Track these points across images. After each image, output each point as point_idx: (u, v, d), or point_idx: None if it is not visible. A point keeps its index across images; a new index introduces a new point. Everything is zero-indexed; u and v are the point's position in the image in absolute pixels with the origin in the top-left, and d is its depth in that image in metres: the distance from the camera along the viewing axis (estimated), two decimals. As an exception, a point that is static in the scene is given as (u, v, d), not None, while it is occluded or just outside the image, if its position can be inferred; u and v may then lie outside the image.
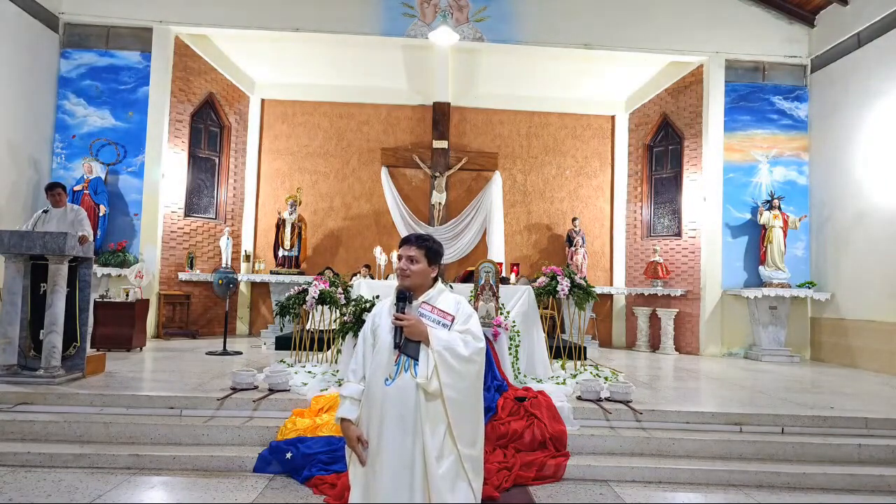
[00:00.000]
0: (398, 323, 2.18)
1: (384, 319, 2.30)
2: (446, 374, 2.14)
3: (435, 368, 2.13)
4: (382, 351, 2.23)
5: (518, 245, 11.32)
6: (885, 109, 8.22)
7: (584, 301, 6.41)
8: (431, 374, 2.13)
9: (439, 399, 2.14)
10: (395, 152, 11.17)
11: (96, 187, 8.79)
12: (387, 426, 2.12)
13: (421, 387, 2.12)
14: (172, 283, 9.66)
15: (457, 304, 2.35)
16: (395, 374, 2.16)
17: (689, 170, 10.12)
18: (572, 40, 9.52)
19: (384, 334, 2.25)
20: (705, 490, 4.05)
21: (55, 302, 5.13)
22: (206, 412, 4.65)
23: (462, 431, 2.17)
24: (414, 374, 2.15)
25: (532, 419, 4.52)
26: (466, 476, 2.16)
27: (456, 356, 2.18)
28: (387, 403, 2.14)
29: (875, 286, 8.21)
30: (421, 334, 2.17)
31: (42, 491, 3.60)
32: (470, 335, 2.25)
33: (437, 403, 2.14)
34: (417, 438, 2.10)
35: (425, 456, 2.09)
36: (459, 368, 2.18)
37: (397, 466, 2.09)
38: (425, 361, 2.16)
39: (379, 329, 2.29)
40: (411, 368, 2.16)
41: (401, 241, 2.39)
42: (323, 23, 9.32)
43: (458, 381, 2.17)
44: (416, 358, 2.17)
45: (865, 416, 4.83)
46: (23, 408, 4.61)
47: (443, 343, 2.18)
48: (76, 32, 9.23)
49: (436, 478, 2.08)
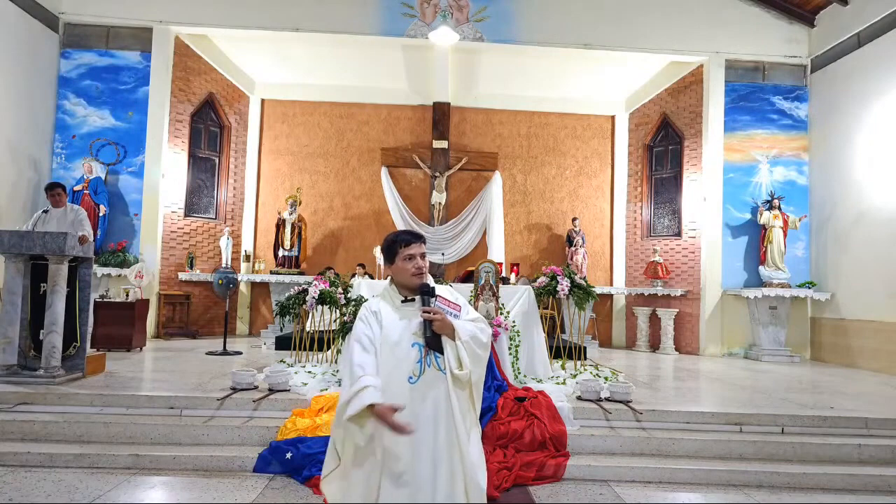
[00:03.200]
0: (430, 317, 2.16)
1: (390, 318, 2.26)
2: (472, 362, 2.21)
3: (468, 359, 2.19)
4: (398, 351, 2.20)
5: (518, 245, 11.32)
6: (885, 109, 8.21)
7: (584, 301, 6.40)
8: (468, 364, 2.18)
9: (467, 386, 2.22)
10: (395, 152, 11.17)
11: (96, 187, 8.79)
12: (420, 423, 2.11)
13: (457, 378, 2.17)
14: (172, 283, 9.66)
15: (455, 294, 2.40)
16: (420, 371, 2.17)
17: (689, 170, 10.12)
18: (572, 40, 9.52)
19: (395, 334, 2.21)
20: (705, 490, 4.05)
21: (55, 302, 5.14)
22: (206, 412, 4.66)
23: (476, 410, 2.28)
24: (438, 367, 2.18)
25: (532, 419, 4.53)
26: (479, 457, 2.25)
27: (479, 344, 2.25)
28: (415, 401, 2.13)
29: (875, 286, 8.20)
30: (449, 327, 2.19)
31: (42, 491, 3.60)
32: (482, 322, 2.34)
33: (466, 391, 2.22)
34: (451, 429, 2.14)
35: (459, 442, 2.14)
36: (481, 354, 2.26)
37: (435, 458, 2.12)
38: (453, 353, 2.19)
39: (388, 329, 2.23)
40: (434, 362, 2.18)
41: (401, 243, 2.31)
42: (323, 23, 9.32)
43: (479, 367, 2.26)
44: (440, 351, 2.19)
45: (865, 416, 4.83)
46: (23, 408, 4.62)
47: (469, 333, 2.23)
48: (76, 32, 9.22)
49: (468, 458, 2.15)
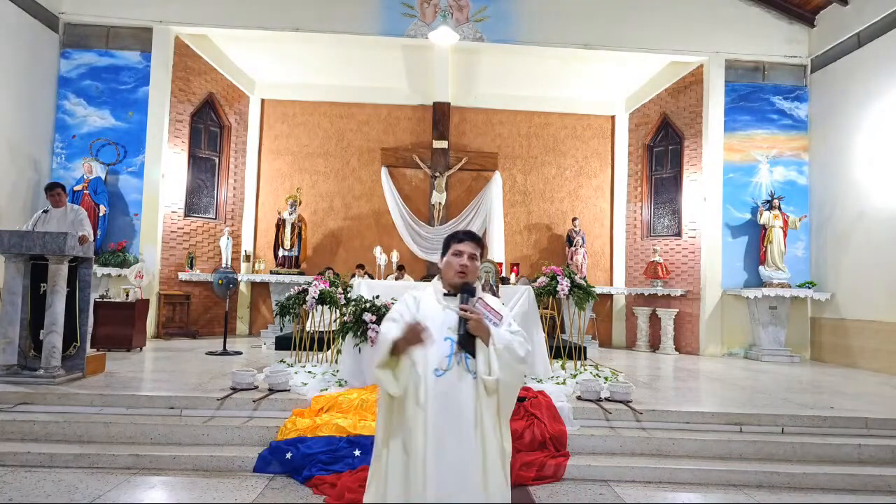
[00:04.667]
0: (466, 315, 2.14)
1: (431, 308, 2.26)
2: (504, 372, 2.14)
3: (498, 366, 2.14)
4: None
5: (518, 245, 11.32)
6: (885, 109, 8.21)
7: (584, 301, 6.41)
8: (497, 371, 2.13)
9: (495, 395, 2.16)
10: (395, 152, 11.17)
11: (96, 187, 8.79)
12: (439, 417, 2.09)
13: (486, 383, 2.13)
14: (172, 283, 9.66)
15: (500, 305, 2.35)
16: (448, 365, 2.15)
17: (689, 170, 10.12)
18: (572, 40, 9.52)
19: (431, 322, 2.17)
20: (705, 490, 4.05)
21: (55, 302, 5.14)
22: (206, 412, 4.65)
23: (504, 427, 2.22)
24: (467, 368, 2.15)
25: (532, 419, 4.52)
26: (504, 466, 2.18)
27: (514, 356, 2.18)
28: (437, 394, 2.12)
29: (875, 286, 8.20)
30: (483, 330, 2.16)
31: (42, 491, 3.60)
32: (521, 337, 2.27)
33: (493, 398, 2.17)
34: (477, 430, 2.11)
35: (484, 447, 2.11)
36: (516, 368, 2.19)
37: (453, 459, 2.08)
38: (485, 358, 2.15)
39: (425, 316, 2.21)
40: (462, 362, 2.16)
41: (455, 238, 2.33)
42: (323, 23, 9.32)
43: (512, 380, 2.18)
44: (471, 353, 2.16)
45: (865, 416, 4.83)
46: (23, 408, 4.61)
47: (504, 342, 2.17)
48: (76, 32, 9.22)
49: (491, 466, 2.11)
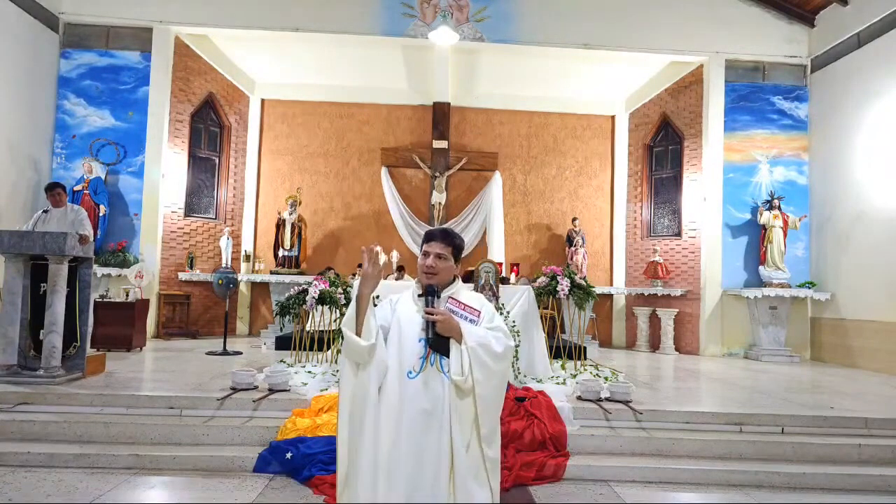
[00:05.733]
0: (430, 317, 2.08)
1: (406, 309, 2.21)
2: (479, 371, 2.07)
3: (469, 365, 2.06)
4: (404, 342, 2.13)
5: (518, 245, 11.31)
6: (885, 109, 8.21)
7: (584, 301, 6.41)
8: (468, 371, 2.05)
9: (470, 396, 2.07)
10: (395, 152, 11.16)
11: (96, 187, 8.79)
12: (410, 419, 2.04)
13: (456, 384, 2.05)
14: (172, 283, 9.66)
15: (480, 300, 2.27)
16: (421, 367, 2.09)
17: (689, 170, 10.12)
18: (572, 40, 9.52)
19: (406, 325, 2.15)
20: (705, 490, 4.05)
21: (55, 302, 5.13)
22: (206, 412, 4.65)
23: (486, 430, 2.11)
24: (441, 369, 2.08)
25: (532, 419, 4.52)
26: (486, 474, 2.09)
27: (490, 353, 2.10)
28: (409, 396, 2.06)
29: (875, 286, 8.20)
30: (453, 329, 2.09)
31: (42, 491, 3.60)
32: (501, 332, 2.18)
33: (468, 400, 2.08)
34: (444, 434, 2.04)
35: (453, 450, 2.03)
36: (492, 366, 2.11)
37: (421, 461, 2.02)
38: (457, 358, 2.08)
39: (400, 319, 2.18)
40: (437, 363, 2.10)
41: (425, 237, 2.26)
42: (323, 23, 9.32)
43: (489, 379, 2.10)
44: (446, 354, 2.10)
45: (865, 416, 4.83)
46: (23, 408, 4.61)
47: (477, 339, 2.10)
48: (76, 32, 9.22)
49: (461, 471, 2.02)
